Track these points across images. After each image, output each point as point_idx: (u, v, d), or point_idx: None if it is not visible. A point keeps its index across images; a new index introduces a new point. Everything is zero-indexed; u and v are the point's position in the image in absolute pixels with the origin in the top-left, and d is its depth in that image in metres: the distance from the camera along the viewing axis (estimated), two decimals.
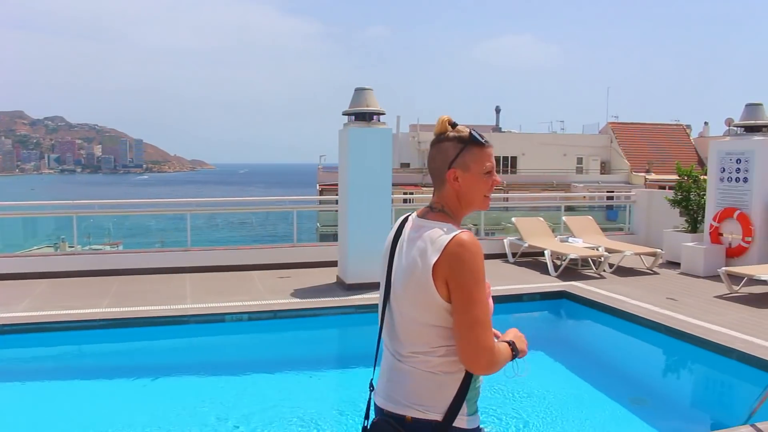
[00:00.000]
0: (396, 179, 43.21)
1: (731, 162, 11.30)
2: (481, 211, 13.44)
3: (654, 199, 13.89)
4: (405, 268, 2.31)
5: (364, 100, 9.62)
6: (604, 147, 56.08)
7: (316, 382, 7.21)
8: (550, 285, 10.28)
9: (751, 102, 11.31)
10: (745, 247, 11.00)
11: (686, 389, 7.82)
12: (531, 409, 6.40)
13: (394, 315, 2.37)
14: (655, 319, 8.37)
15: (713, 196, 11.65)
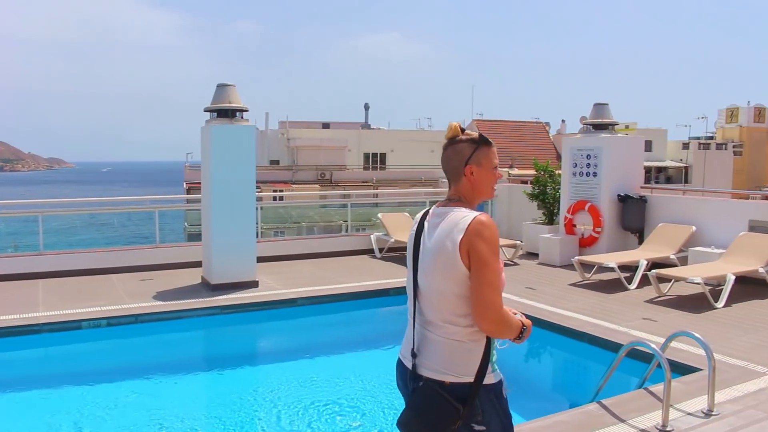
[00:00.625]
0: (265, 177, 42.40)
1: (582, 158, 11.98)
2: (348, 208, 13.55)
3: (514, 193, 14.49)
4: (433, 248, 2.77)
5: (226, 97, 9.44)
6: None
7: (183, 386, 7.00)
8: None
9: (599, 102, 12.03)
10: (596, 237, 11.70)
11: (544, 373, 8.22)
12: (396, 402, 6.51)
13: (423, 291, 2.84)
14: (515, 308, 8.73)
15: (567, 190, 12.31)
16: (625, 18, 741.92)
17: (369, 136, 56.70)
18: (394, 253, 12.69)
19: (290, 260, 12.03)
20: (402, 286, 9.94)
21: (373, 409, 6.27)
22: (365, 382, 7.06)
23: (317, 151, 51.38)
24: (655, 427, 4.93)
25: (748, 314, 8.38)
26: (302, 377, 7.13)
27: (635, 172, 12.02)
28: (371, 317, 9.88)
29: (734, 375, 6.12)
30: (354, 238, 13.11)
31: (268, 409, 6.28)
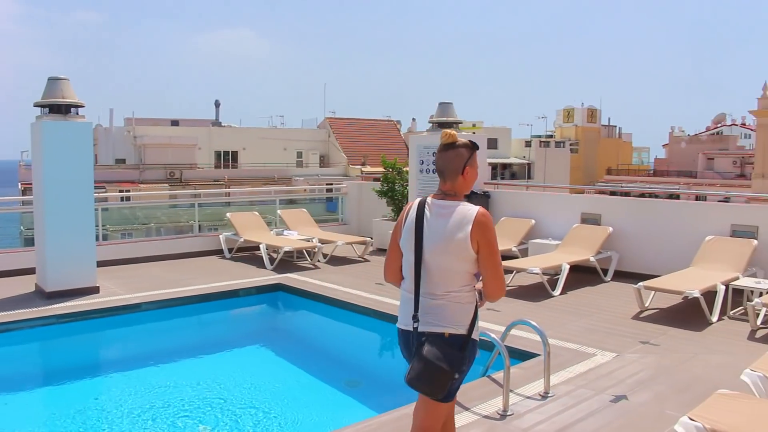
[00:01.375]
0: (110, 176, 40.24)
1: (428, 155, 12.29)
2: (195, 208, 13.17)
3: (363, 190, 14.66)
4: (445, 236, 3.40)
5: (59, 91, 8.85)
6: (323, 141, 58.02)
7: (16, 406, 6.48)
8: (265, 278, 10.38)
9: (443, 101, 12.39)
10: None
11: (394, 367, 8.33)
12: (252, 403, 6.42)
13: (431, 268, 3.44)
14: (364, 304, 8.84)
15: (414, 187, 12.58)
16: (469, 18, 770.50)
17: (220, 133, 55.41)
18: (244, 253, 12.47)
19: (136, 263, 11.51)
20: (252, 286, 9.90)
21: (226, 411, 6.13)
22: (218, 384, 6.90)
23: (166, 150, 49.54)
24: (497, 412, 5.15)
25: (581, 300, 8.96)
26: (149, 385, 6.85)
27: (479, 168, 12.49)
28: (221, 319, 9.66)
29: (568, 358, 6.51)
30: (203, 238, 12.76)
31: (114, 420, 5.97)
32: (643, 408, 5.30)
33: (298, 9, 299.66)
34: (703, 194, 24.69)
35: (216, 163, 53.78)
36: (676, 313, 8.30)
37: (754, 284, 8.11)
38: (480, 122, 62.97)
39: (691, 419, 3.99)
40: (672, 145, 72.75)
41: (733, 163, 64.20)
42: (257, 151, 53.69)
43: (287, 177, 48.66)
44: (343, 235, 12.93)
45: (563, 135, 71.85)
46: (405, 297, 3.57)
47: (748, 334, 7.38)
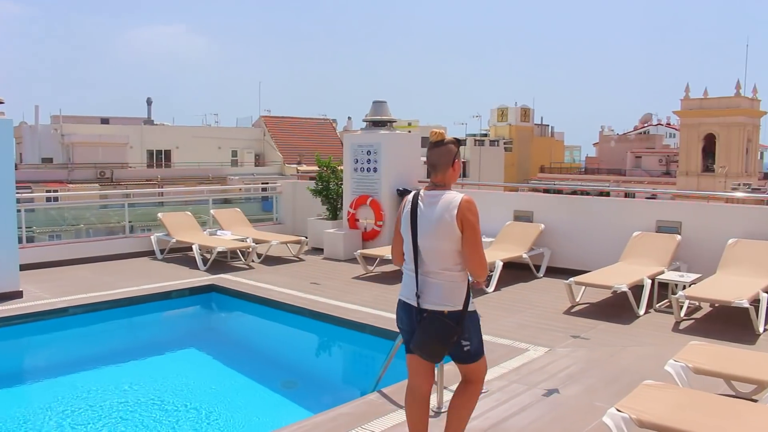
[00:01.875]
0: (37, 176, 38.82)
1: (363, 153, 12.29)
2: (125, 208, 12.82)
3: (298, 189, 14.56)
4: (435, 219, 3.89)
5: None
6: (258, 140, 57.44)
7: None
8: (198, 279, 10.19)
9: (378, 99, 12.41)
10: (378, 231, 12.07)
11: (331, 366, 8.34)
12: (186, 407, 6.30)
13: (425, 250, 3.94)
14: (299, 304, 8.77)
15: (349, 185, 12.57)
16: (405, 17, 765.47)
17: (152, 132, 54.23)
18: (177, 254, 12.22)
19: (63, 266, 11.14)
20: (184, 288, 9.71)
21: (161, 416, 6.00)
22: (151, 389, 6.76)
23: (95, 148, 48.17)
24: (432, 409, 5.16)
25: (514, 297, 9.10)
26: (79, 391, 6.64)
27: (413, 167, 12.55)
28: (153, 322, 9.43)
29: (501, 353, 6.59)
30: (134, 239, 12.44)
31: (42, 428, 5.76)
32: (574, 401, 5.41)
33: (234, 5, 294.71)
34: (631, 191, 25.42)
35: (148, 162, 52.62)
36: (605, 307, 8.51)
37: (678, 278, 8.38)
38: (416, 121, 63.46)
39: (618, 410, 4.09)
40: (602, 144, 74.79)
41: (659, 161, 66.42)
42: (191, 150, 52.76)
43: (222, 176, 47.96)
44: (277, 234, 12.81)
45: (497, 134, 72.95)
46: (407, 275, 4.12)
47: (672, 326, 7.63)
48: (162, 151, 53.28)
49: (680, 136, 56.34)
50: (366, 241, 12.20)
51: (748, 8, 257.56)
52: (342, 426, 4.96)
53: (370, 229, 12.17)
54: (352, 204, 12.40)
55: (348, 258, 11.74)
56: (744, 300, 7.08)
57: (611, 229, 10.08)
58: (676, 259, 9.28)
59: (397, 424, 4.94)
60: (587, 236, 10.40)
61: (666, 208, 10.02)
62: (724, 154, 50.90)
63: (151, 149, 52.92)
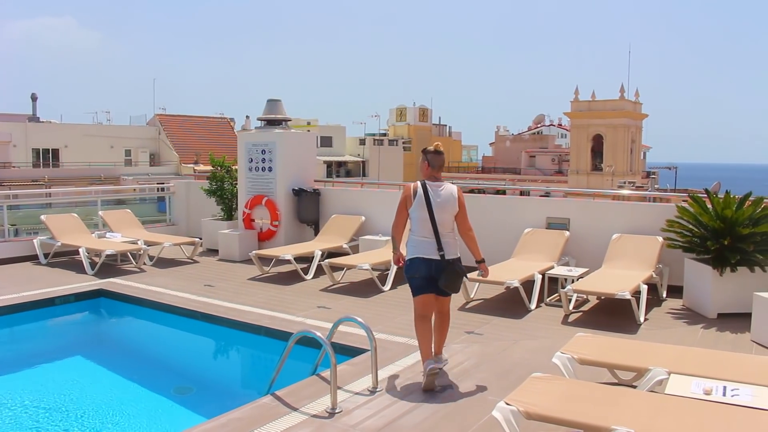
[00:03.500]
0: None
1: (258, 153, 12.09)
2: (4, 210, 12.09)
3: (192, 189, 14.18)
4: (445, 200, 5.77)
5: None
6: (153, 139, 55.74)
7: None
8: (86, 284, 9.73)
9: (272, 98, 12.24)
10: (274, 231, 11.91)
11: (226, 370, 8.13)
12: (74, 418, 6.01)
13: (440, 221, 5.72)
14: (191, 307, 8.52)
15: (244, 185, 12.34)
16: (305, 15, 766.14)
17: (38, 129, 51.56)
18: (63, 258, 11.64)
19: None
20: (70, 293, 9.26)
21: (45, 428, 5.68)
22: (36, 401, 6.39)
23: None
24: (326, 410, 5.12)
25: (409, 294, 9.11)
26: None
27: (309, 166, 12.46)
28: (36, 331, 8.94)
29: (396, 351, 6.62)
30: (14, 243, 11.76)
31: None
32: (467, 396, 5.48)
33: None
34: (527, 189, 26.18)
35: (35, 161, 50.06)
36: (498, 302, 8.70)
37: (566, 272, 8.67)
38: (315, 120, 63.16)
39: (507, 404, 4.17)
40: (498, 144, 76.80)
41: (552, 160, 68.82)
42: (81, 149, 50.49)
43: (115, 176, 46.16)
44: (170, 236, 12.43)
45: (396, 133, 73.63)
46: (422, 240, 5.75)
47: (562, 319, 7.89)
48: (49, 150, 50.81)
49: (571, 137, 58.60)
50: (262, 241, 12.02)
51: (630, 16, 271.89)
52: (233, 431, 4.84)
53: (266, 230, 11.99)
54: (248, 204, 12.18)
55: (243, 259, 11.52)
56: (626, 292, 7.40)
57: (504, 226, 10.32)
58: (565, 254, 9.61)
59: (290, 427, 4.86)
60: (481, 233, 10.43)
61: (555, 206, 10.36)
62: (611, 153, 53.30)
63: (37, 148, 50.35)
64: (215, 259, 11.84)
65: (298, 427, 4.89)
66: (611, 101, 53.83)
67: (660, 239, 8.91)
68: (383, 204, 11.68)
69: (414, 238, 5.75)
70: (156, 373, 7.57)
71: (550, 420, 4.10)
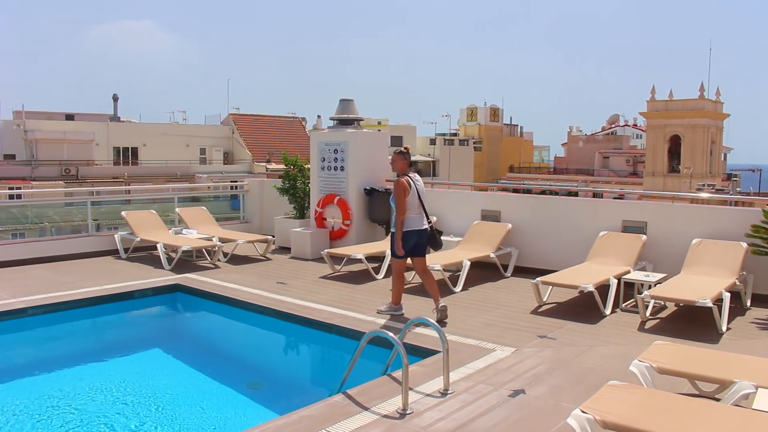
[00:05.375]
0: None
1: (330, 152, 12.19)
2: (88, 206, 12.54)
3: (265, 187, 14.41)
4: (422, 186, 7.98)
5: None
6: (227, 138, 56.97)
7: None
8: (163, 279, 10.01)
9: (344, 98, 12.32)
10: (345, 230, 11.98)
11: (296, 367, 8.23)
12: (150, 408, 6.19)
13: (425, 205, 7.90)
14: (265, 304, 8.65)
15: (316, 184, 12.46)
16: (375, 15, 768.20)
17: (119, 129, 53.44)
18: (141, 252, 12.01)
19: (21, 265, 10.88)
20: (148, 288, 9.54)
21: (123, 418, 5.87)
22: (114, 391, 6.62)
23: (60, 145, 47.33)
24: (397, 411, 5.11)
25: (481, 296, 9.08)
26: (38, 394, 6.50)
27: (380, 166, 12.49)
28: (116, 323, 9.24)
29: (468, 353, 6.56)
30: (97, 238, 12.20)
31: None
32: (540, 401, 5.39)
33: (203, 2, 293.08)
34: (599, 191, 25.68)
35: (115, 159, 51.87)
36: (572, 306, 8.53)
37: (643, 277, 8.43)
38: (385, 120, 63.38)
39: (582, 411, 4.07)
40: (570, 144, 75.44)
41: (627, 161, 67.18)
42: (159, 148, 52.09)
43: (190, 174, 47.39)
44: (243, 233, 12.66)
45: (467, 133, 73.23)
46: (416, 218, 7.83)
47: (638, 326, 7.67)
48: (129, 148, 52.56)
49: (646, 137, 57.11)
50: (333, 240, 12.11)
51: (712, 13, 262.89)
52: (304, 429, 4.89)
53: (337, 228, 12.08)
54: (319, 203, 12.30)
55: (315, 257, 11.64)
56: (707, 299, 7.14)
57: (578, 229, 10.13)
58: (642, 258, 9.34)
59: (360, 426, 4.87)
60: (554, 236, 10.43)
61: (632, 208, 10.09)
62: (689, 155, 51.71)
63: (117, 146, 52.17)
64: (287, 257, 12.00)
65: (369, 426, 4.90)
66: (690, 101, 52.18)
67: (744, 245, 8.56)
68: (454, 204, 11.62)
69: (407, 216, 7.74)
70: (229, 368, 7.73)
71: (627, 430, 3.98)
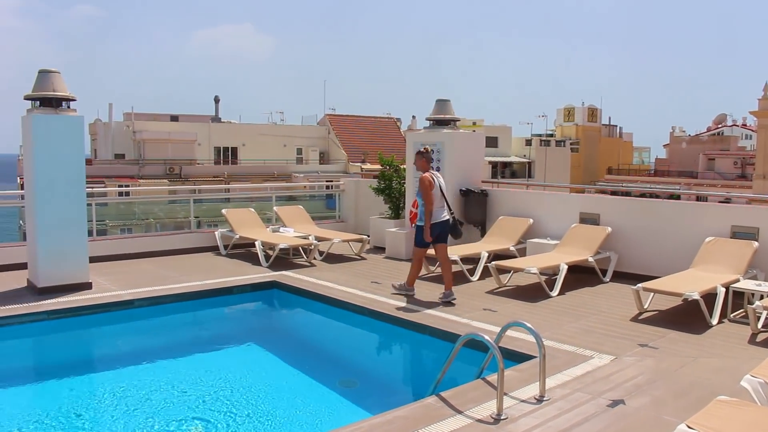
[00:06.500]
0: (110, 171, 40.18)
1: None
2: (191, 204, 13.01)
3: (360, 188, 14.53)
4: (444, 182, 9.02)
5: (50, 84, 8.70)
6: (323, 138, 57.93)
7: (3, 403, 6.37)
8: (261, 276, 10.26)
9: (441, 98, 12.26)
10: None
11: (389, 367, 8.25)
12: (246, 402, 6.33)
13: (445, 195, 8.91)
14: (359, 303, 8.72)
15: (412, 184, 12.43)
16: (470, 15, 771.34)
17: (220, 129, 55.30)
18: (240, 249, 12.35)
19: (129, 259, 11.40)
20: (246, 284, 9.79)
21: (218, 410, 6.04)
22: (210, 383, 6.82)
23: (165, 145, 49.41)
24: (491, 416, 5.04)
25: (579, 301, 8.84)
26: (141, 383, 6.78)
27: (477, 166, 12.37)
28: (215, 317, 9.54)
29: (564, 360, 6.40)
30: (199, 234, 12.64)
31: (106, 420, 5.87)
32: (641, 413, 5.19)
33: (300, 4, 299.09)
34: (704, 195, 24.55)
35: (216, 159, 53.66)
36: (675, 315, 8.18)
37: (754, 287, 7.98)
38: (480, 120, 62.90)
39: (689, 427, 3.89)
40: (673, 145, 72.63)
41: (734, 163, 64.07)
42: (257, 148, 53.57)
43: (287, 173, 48.48)
44: (339, 232, 12.80)
45: (564, 134, 71.77)
46: (439, 210, 8.73)
47: (748, 338, 7.26)
48: (229, 148, 54.28)
49: (757, 138, 54.20)
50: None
51: None
52: (398, 429, 4.88)
53: None
54: (415, 203, 12.24)
55: (410, 257, 11.60)
56: None
57: (682, 234, 9.71)
58: (753, 266, 8.85)
59: (454, 430, 4.83)
60: (656, 241, 10.04)
61: (742, 213, 9.59)
62: None
63: (218, 146, 53.96)
64: (382, 257, 12.06)
65: (462, 430, 4.85)
66: None
67: None
68: (552, 207, 11.37)
69: (436, 209, 8.72)
70: (322, 365, 7.81)
71: None
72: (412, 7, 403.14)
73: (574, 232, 10.50)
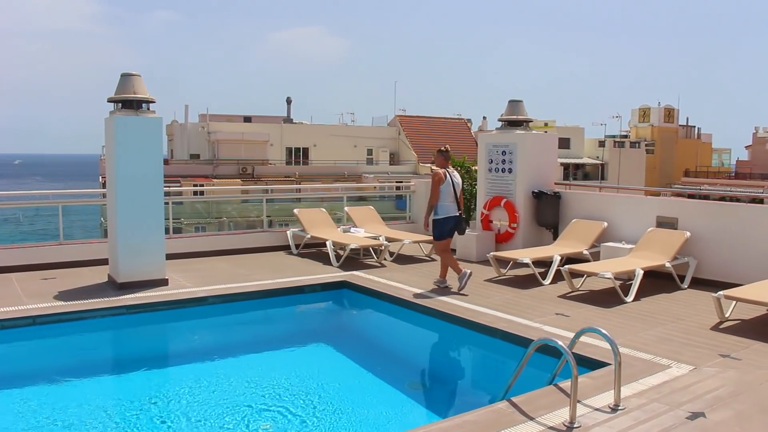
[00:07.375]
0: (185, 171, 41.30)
1: (498, 154, 12.05)
2: (263, 203, 13.22)
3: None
4: (458, 180, 9.64)
5: (131, 87, 8.99)
6: (393, 139, 58.10)
7: (85, 391, 6.61)
8: (331, 275, 10.34)
9: (513, 99, 12.11)
10: (512, 233, 11.79)
11: (458, 370, 8.18)
12: (315, 401, 6.38)
13: (457, 192, 9.46)
14: (429, 304, 8.68)
15: (483, 186, 12.36)
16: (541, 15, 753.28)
17: (291, 130, 56.14)
18: (311, 249, 12.48)
19: (204, 257, 11.67)
20: (317, 283, 9.88)
21: (287, 408, 6.10)
22: (280, 381, 6.90)
23: (238, 145, 50.51)
24: (563, 424, 4.92)
25: (655, 308, 8.57)
26: (215, 378, 6.91)
27: (549, 168, 12.16)
28: (286, 315, 9.66)
29: (640, 368, 6.20)
30: (271, 233, 12.83)
31: (179, 412, 6.02)
32: (723, 427, 4.97)
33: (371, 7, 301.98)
34: None
35: (287, 159, 54.48)
36: (759, 325, 7.83)
37: None
38: (552, 121, 61.93)
39: None
40: (755, 147, 69.85)
41: None
42: (328, 148, 54.17)
43: (357, 174, 48.85)
44: (409, 233, 12.79)
45: (638, 135, 69.98)
46: (449, 206, 9.33)
47: None
48: (300, 148, 55.04)
49: None
50: (499, 243, 11.95)
51: None
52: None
53: (503, 231, 11.90)
54: (486, 205, 12.18)
55: (480, 259, 11.55)
56: None
57: (766, 240, 9.30)
58: None
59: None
60: (738, 246, 9.65)
61: None
62: None
63: (290, 147, 54.79)
64: None
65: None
66: None
67: None
68: (627, 210, 11.07)
69: (443, 204, 9.30)
70: (391, 366, 7.80)
71: None
72: (482, 7, 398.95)
73: (651, 236, 10.20)
